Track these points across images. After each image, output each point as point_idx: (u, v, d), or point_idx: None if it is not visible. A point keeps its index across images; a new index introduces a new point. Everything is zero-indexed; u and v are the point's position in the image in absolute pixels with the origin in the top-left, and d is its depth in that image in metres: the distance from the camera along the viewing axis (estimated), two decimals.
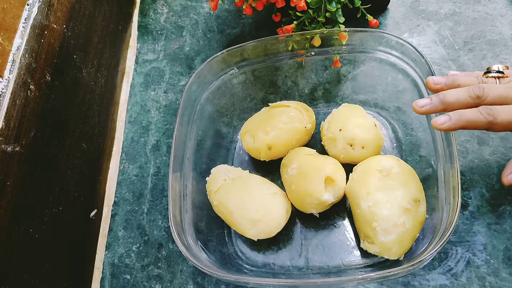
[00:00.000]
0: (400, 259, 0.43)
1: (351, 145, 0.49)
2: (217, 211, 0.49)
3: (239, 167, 0.53)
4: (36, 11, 0.46)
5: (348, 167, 0.49)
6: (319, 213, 0.49)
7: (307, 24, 0.54)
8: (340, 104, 0.54)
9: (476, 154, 0.51)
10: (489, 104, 0.38)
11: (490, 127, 0.38)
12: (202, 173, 0.52)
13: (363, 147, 0.49)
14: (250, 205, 0.46)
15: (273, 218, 0.47)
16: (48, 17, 0.48)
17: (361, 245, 0.46)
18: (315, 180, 0.46)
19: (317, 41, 0.51)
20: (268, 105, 0.55)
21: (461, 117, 0.38)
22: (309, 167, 0.47)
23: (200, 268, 0.40)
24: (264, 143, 0.51)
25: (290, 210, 0.49)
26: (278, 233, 0.47)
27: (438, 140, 0.45)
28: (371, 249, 0.44)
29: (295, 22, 0.53)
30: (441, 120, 0.38)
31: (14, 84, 0.42)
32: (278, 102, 0.55)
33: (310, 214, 0.49)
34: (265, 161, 0.53)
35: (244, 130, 0.55)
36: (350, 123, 0.50)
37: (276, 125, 0.51)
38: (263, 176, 0.52)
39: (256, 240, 0.47)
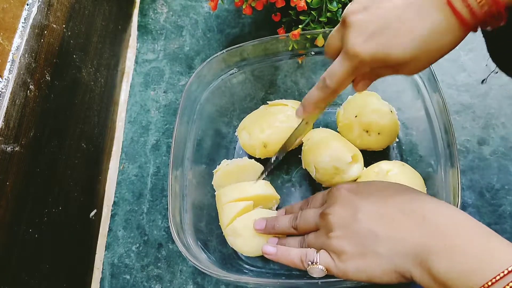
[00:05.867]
0: None
1: (367, 131, 0.49)
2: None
3: None
4: (36, 11, 0.46)
5: (365, 154, 0.50)
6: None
7: (311, 23, 0.54)
8: (340, 104, 0.54)
9: (476, 154, 0.51)
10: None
11: None
12: (202, 173, 0.52)
13: (379, 133, 0.49)
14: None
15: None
16: (48, 17, 0.48)
17: None
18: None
19: (320, 41, 0.51)
20: (267, 103, 0.55)
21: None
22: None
23: (200, 268, 0.40)
24: (260, 140, 0.51)
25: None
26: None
27: (438, 140, 0.45)
28: None
29: (300, 26, 0.53)
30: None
31: (14, 84, 0.42)
32: (276, 100, 0.55)
33: None
34: (264, 159, 0.53)
35: (241, 126, 0.54)
36: (366, 109, 0.49)
37: (272, 123, 0.51)
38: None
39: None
